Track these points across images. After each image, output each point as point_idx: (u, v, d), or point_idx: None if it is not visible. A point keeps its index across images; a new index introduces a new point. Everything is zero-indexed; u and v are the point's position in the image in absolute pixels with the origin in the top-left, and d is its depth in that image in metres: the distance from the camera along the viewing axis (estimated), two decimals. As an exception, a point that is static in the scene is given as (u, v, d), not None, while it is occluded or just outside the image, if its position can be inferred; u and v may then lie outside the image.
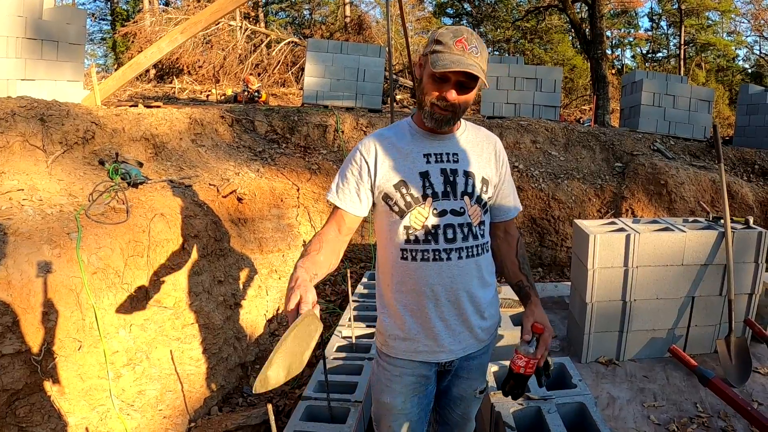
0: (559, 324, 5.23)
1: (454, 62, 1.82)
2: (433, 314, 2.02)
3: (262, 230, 5.85)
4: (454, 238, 1.99)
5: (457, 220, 2.00)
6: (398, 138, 2.06)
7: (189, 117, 6.44)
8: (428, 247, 1.98)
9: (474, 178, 2.05)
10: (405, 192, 1.98)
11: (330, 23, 31.44)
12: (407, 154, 2.02)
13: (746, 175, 8.88)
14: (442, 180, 2.00)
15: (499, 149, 2.19)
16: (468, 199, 2.02)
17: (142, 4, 30.17)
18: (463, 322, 2.05)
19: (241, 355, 4.70)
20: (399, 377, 2.10)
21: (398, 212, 1.99)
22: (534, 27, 33.12)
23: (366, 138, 2.08)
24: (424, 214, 1.98)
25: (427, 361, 2.08)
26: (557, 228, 7.54)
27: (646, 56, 41.88)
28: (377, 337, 2.21)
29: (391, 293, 2.08)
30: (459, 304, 2.03)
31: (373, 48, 11.05)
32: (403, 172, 2.00)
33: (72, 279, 3.35)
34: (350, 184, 2.01)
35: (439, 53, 1.85)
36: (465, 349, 2.10)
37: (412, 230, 1.98)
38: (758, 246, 4.43)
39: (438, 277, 1.99)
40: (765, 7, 35.83)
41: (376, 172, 2.00)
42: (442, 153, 2.04)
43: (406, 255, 2.00)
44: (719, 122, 27.06)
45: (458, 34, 1.88)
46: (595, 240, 4.18)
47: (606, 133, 9.33)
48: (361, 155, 2.02)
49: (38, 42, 6.64)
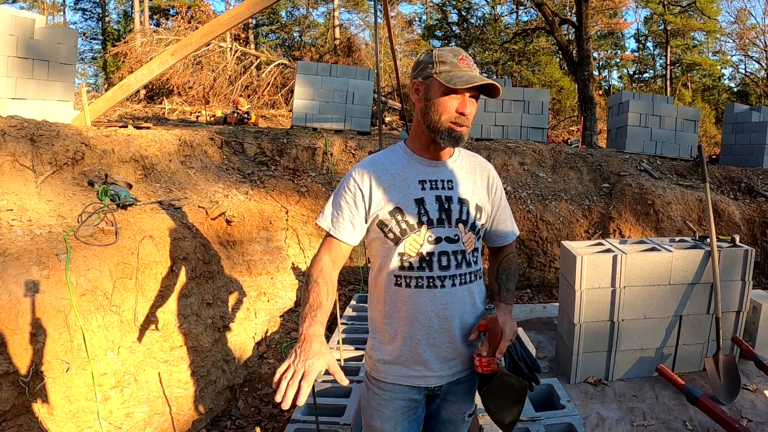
0: (547, 345, 5.25)
1: (473, 77, 1.87)
2: (425, 340, 2.02)
3: (251, 252, 5.85)
4: (448, 265, 2.00)
5: (452, 247, 2.01)
6: (392, 164, 2.07)
7: (178, 138, 6.45)
8: (422, 274, 1.99)
9: (468, 205, 2.06)
10: (400, 219, 1.99)
11: (320, 45, 31.64)
12: (402, 180, 2.03)
13: (733, 193, 8.97)
14: (437, 207, 2.01)
15: (493, 176, 2.21)
16: (462, 226, 2.03)
17: (133, 25, 30.35)
18: (454, 349, 2.05)
19: (229, 377, 4.68)
20: (389, 401, 2.10)
21: (393, 239, 2.00)
22: (522, 49, 33.41)
23: (359, 164, 2.08)
24: (419, 241, 1.99)
25: (417, 385, 2.08)
26: (545, 249, 7.57)
27: (633, 77, 42.31)
28: (366, 360, 2.21)
29: (383, 318, 2.09)
30: (451, 331, 2.03)
31: (361, 71, 11.14)
32: (399, 198, 2.00)
33: (60, 300, 3.34)
34: (344, 212, 2.00)
35: (450, 72, 1.89)
36: (454, 375, 2.10)
37: (406, 257, 1.99)
38: (744, 264, 4.47)
39: (432, 304, 2.00)
40: (749, 27, 36.39)
41: (370, 199, 2.00)
42: (437, 180, 2.05)
43: (400, 281, 2.01)
44: (706, 141, 27.35)
45: (458, 53, 1.94)
46: (582, 261, 4.21)
47: (593, 154, 9.41)
48: (355, 182, 2.02)
49: (29, 61, 6.65)
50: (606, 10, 33.08)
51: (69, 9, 38.61)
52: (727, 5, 37.60)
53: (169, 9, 32.15)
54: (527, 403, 3.34)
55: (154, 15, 32.88)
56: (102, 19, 37.67)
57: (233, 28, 8.57)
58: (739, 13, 37.29)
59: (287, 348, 5.38)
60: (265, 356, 5.26)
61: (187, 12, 24.28)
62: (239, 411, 4.54)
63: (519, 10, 38.41)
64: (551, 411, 3.33)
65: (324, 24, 36.31)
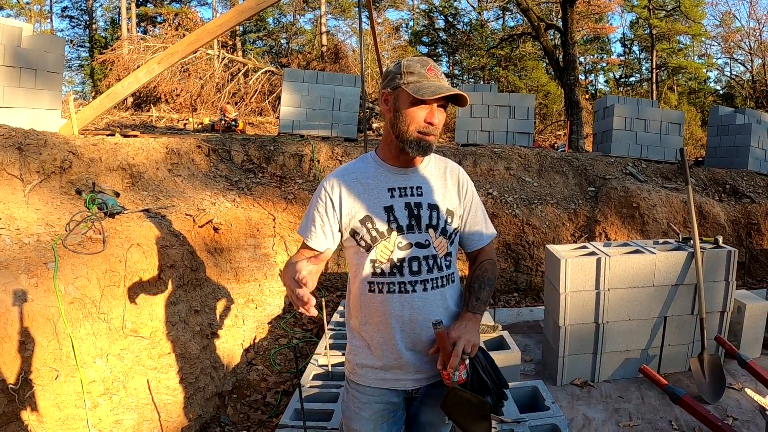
0: (534, 348, 5.29)
1: (440, 87, 1.91)
2: (400, 344, 2.06)
3: (239, 260, 5.86)
4: (419, 270, 2.04)
5: (422, 252, 2.05)
6: (362, 173, 2.11)
7: (166, 147, 6.47)
8: (394, 279, 2.03)
9: (439, 210, 2.10)
10: (370, 227, 2.03)
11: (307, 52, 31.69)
12: (371, 188, 2.07)
13: (718, 195, 9.06)
14: (407, 214, 2.05)
15: (463, 179, 2.23)
16: (433, 231, 2.07)
17: (120, 32, 30.33)
18: (426, 352, 2.07)
19: (218, 384, 4.69)
20: (368, 404, 2.13)
21: (365, 246, 2.04)
22: (508, 54, 33.62)
23: (330, 175, 2.13)
24: (390, 247, 2.03)
25: (394, 388, 2.12)
26: (532, 253, 7.62)
27: (619, 81, 42.61)
28: (346, 365, 2.26)
29: (359, 324, 2.14)
30: (424, 335, 2.06)
31: (348, 77, 11.17)
32: (368, 207, 2.05)
33: (49, 308, 3.35)
34: (316, 222, 2.06)
35: (417, 82, 1.93)
36: (430, 378, 2.13)
37: (378, 263, 2.04)
38: (728, 265, 4.54)
39: (403, 309, 2.04)
40: (734, 30, 36.73)
41: (341, 208, 2.05)
42: (405, 187, 2.09)
43: (373, 288, 2.06)
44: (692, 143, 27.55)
45: (425, 63, 1.98)
46: (566, 264, 4.26)
47: (579, 158, 9.48)
48: (326, 192, 2.07)
49: (16, 69, 6.64)
50: (592, 14, 33.31)
51: (56, 16, 38.52)
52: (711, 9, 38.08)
53: (156, 16, 32.15)
54: (512, 405, 3.39)
55: (142, 22, 32.87)
56: (89, 27, 37.60)
57: (220, 36, 8.60)
58: (723, 17, 37.72)
59: (275, 355, 5.40)
60: (254, 363, 5.28)
61: (174, 19, 24.26)
62: (228, 417, 4.56)
63: (505, 16, 38.67)
64: (536, 412, 3.38)
65: (311, 31, 36.40)
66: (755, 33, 35.83)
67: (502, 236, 7.67)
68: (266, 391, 4.90)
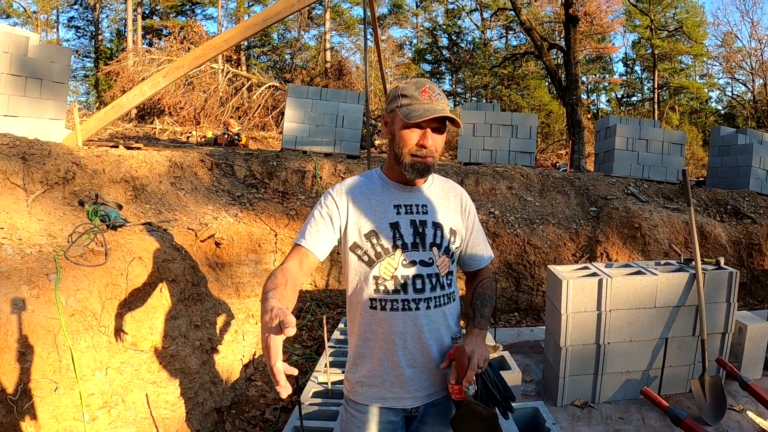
0: (534, 368, 5.27)
1: (428, 110, 1.92)
2: (402, 362, 2.05)
3: (240, 275, 5.86)
4: (423, 288, 2.04)
5: (426, 270, 2.05)
6: (368, 188, 2.12)
7: (169, 160, 6.48)
8: (397, 297, 2.02)
9: (442, 229, 2.11)
10: (375, 242, 2.03)
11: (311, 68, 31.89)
12: (378, 204, 2.08)
13: (719, 215, 9.06)
14: (412, 231, 2.06)
15: (465, 200, 2.26)
16: (436, 250, 2.08)
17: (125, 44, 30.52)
18: (429, 371, 2.08)
19: (216, 399, 4.67)
20: (367, 423, 2.12)
21: (367, 262, 2.03)
22: (511, 73, 33.82)
23: (337, 185, 2.13)
24: (394, 264, 2.02)
25: (394, 407, 2.11)
26: (533, 273, 7.61)
27: (621, 100, 42.82)
28: (345, 383, 2.23)
29: (360, 341, 2.12)
30: (427, 353, 2.06)
31: (352, 94, 11.20)
32: (374, 222, 2.05)
33: (50, 320, 3.34)
34: (318, 225, 2.03)
35: (408, 105, 1.96)
36: (430, 396, 2.12)
37: (381, 280, 2.03)
38: (729, 286, 4.53)
39: (406, 327, 2.03)
40: (736, 50, 36.92)
41: (347, 219, 2.05)
42: (411, 204, 2.10)
43: (375, 305, 2.04)
44: (693, 163, 27.61)
45: (421, 85, 2.00)
46: (568, 285, 4.25)
47: (580, 178, 9.49)
48: (333, 199, 2.07)
49: (22, 78, 6.67)
50: (594, 34, 33.52)
51: (62, 26, 38.93)
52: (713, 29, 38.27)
53: (161, 29, 32.40)
54: (513, 426, 3.37)
55: (147, 35, 33.16)
56: (95, 38, 37.91)
57: (225, 51, 8.65)
58: (725, 37, 37.92)
59: (271, 369, 5.36)
60: (253, 379, 5.26)
61: (180, 32, 24.44)
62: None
63: (508, 35, 38.95)
64: (537, 433, 3.36)
65: (315, 47, 36.66)
66: (756, 53, 36.09)
67: (504, 255, 7.66)
68: (265, 407, 4.87)
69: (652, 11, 32.13)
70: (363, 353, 2.12)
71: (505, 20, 35.09)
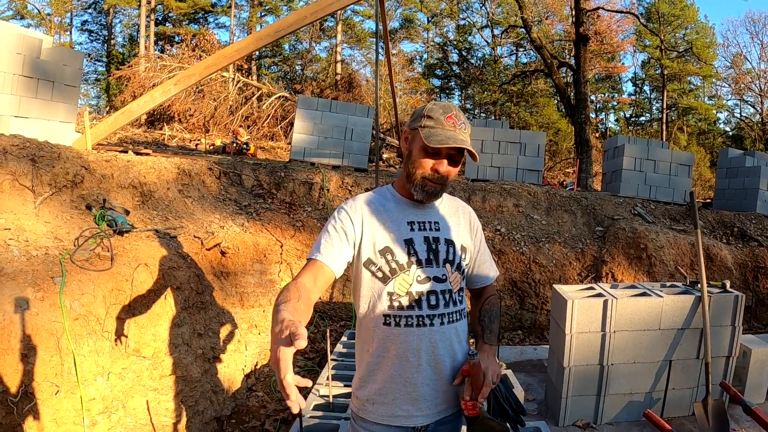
0: (537, 387, 5.24)
1: (449, 138, 1.93)
2: (415, 378, 2.04)
3: (244, 285, 5.85)
4: (436, 304, 2.04)
5: (440, 286, 2.05)
6: (382, 204, 2.12)
7: (177, 167, 6.50)
8: (412, 313, 2.02)
9: (454, 246, 2.12)
10: (390, 258, 2.03)
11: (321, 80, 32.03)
12: (392, 220, 2.08)
13: (725, 237, 9.03)
14: (426, 247, 2.06)
15: (473, 219, 2.28)
16: (449, 266, 2.09)
17: (137, 49, 30.72)
18: (442, 387, 2.07)
19: (217, 409, 4.66)
20: None
21: (381, 278, 2.03)
22: (520, 91, 33.87)
23: (351, 200, 2.12)
24: (408, 280, 2.02)
25: (404, 425, 2.08)
26: (537, 291, 7.59)
27: (630, 120, 42.82)
28: (353, 400, 2.20)
29: (371, 357, 2.09)
30: (440, 369, 2.06)
31: (361, 107, 11.24)
32: (389, 238, 2.05)
33: (53, 323, 3.35)
34: (333, 239, 2.01)
35: (432, 128, 1.96)
36: (440, 413, 2.11)
37: (395, 296, 2.02)
38: (735, 309, 4.51)
39: (421, 343, 2.02)
40: (745, 72, 36.91)
41: (362, 235, 2.04)
42: (424, 221, 2.11)
43: (389, 321, 2.03)
44: (700, 185, 27.56)
45: (448, 110, 2.00)
46: (573, 305, 4.24)
47: (587, 198, 9.48)
48: (347, 214, 2.06)
49: (34, 80, 6.70)
50: (604, 53, 33.59)
51: (76, 29, 39.14)
52: (723, 50, 38.27)
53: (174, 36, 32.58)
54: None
55: (159, 41, 33.35)
56: (107, 42, 38.20)
57: (237, 60, 8.70)
58: (735, 58, 37.92)
59: (276, 382, 5.35)
60: (254, 389, 5.24)
61: (192, 40, 24.55)
62: (226, 442, 4.52)
63: (518, 52, 39.04)
64: (538, 453, 3.34)
65: (326, 59, 36.82)
66: (765, 75, 36.08)
67: (509, 273, 7.64)
68: (265, 418, 4.86)
69: (662, 31, 32.21)
70: (374, 370, 2.09)
71: (515, 37, 35.18)
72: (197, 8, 34.99)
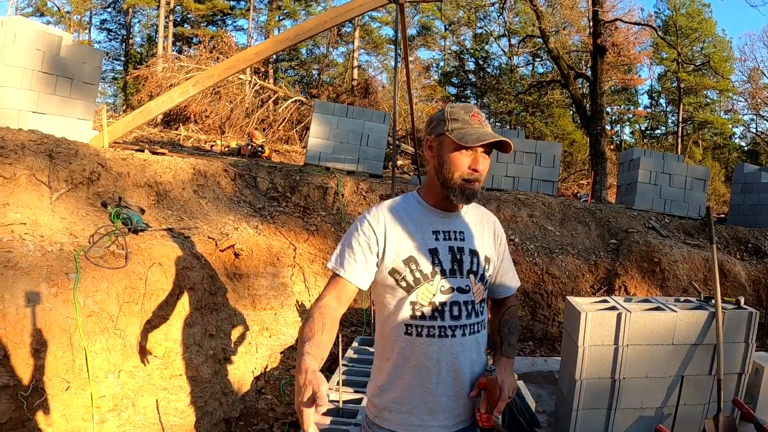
0: (547, 399, 5.21)
1: (484, 134, 1.91)
2: (435, 388, 2.01)
3: (257, 287, 5.86)
4: (459, 315, 2.02)
5: (463, 297, 2.03)
6: (406, 213, 2.08)
7: (193, 167, 6.53)
8: (434, 323, 2.00)
9: (479, 256, 2.09)
10: (414, 268, 2.00)
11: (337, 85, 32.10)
12: (417, 229, 2.05)
13: (739, 253, 8.96)
14: (450, 258, 2.04)
15: (498, 228, 2.25)
16: (473, 277, 2.06)
17: (156, 49, 30.91)
18: (460, 398, 2.05)
19: (226, 410, 4.66)
20: None
21: (405, 287, 2.00)
22: (536, 101, 33.77)
23: (374, 208, 2.09)
24: (432, 290, 2.00)
25: None
26: (550, 303, 7.55)
27: (645, 132, 42.61)
28: (368, 407, 2.18)
29: (392, 366, 2.07)
30: (460, 379, 2.03)
31: (377, 114, 11.24)
32: (413, 247, 2.02)
33: (66, 319, 3.36)
34: (356, 254, 1.99)
35: (461, 129, 1.94)
36: (457, 424, 2.08)
37: (418, 306, 2.00)
38: (748, 326, 4.46)
39: (442, 353, 2.00)
40: (762, 86, 36.65)
41: (385, 245, 2.01)
42: (449, 231, 2.08)
43: (411, 330, 2.01)
44: (715, 199, 27.36)
45: (469, 109, 1.99)
46: (586, 318, 4.21)
47: (602, 210, 9.43)
48: (370, 226, 2.03)
49: (53, 77, 6.75)
50: (621, 65, 33.42)
51: (95, 28, 39.45)
52: (740, 64, 37.99)
53: (192, 37, 32.79)
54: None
55: (178, 42, 33.55)
56: (126, 41, 38.49)
57: (255, 63, 8.73)
58: (752, 73, 37.65)
59: (285, 385, 5.35)
60: (263, 391, 5.24)
61: (210, 42, 24.69)
62: (233, 444, 4.52)
63: (535, 62, 38.96)
64: (548, 466, 3.31)
65: (343, 64, 36.91)
66: (782, 90, 35.80)
67: (522, 284, 7.55)
68: (273, 421, 4.85)
69: (679, 44, 32.01)
70: (393, 378, 2.07)
71: (532, 47, 35.10)
72: (216, 10, 35.18)
